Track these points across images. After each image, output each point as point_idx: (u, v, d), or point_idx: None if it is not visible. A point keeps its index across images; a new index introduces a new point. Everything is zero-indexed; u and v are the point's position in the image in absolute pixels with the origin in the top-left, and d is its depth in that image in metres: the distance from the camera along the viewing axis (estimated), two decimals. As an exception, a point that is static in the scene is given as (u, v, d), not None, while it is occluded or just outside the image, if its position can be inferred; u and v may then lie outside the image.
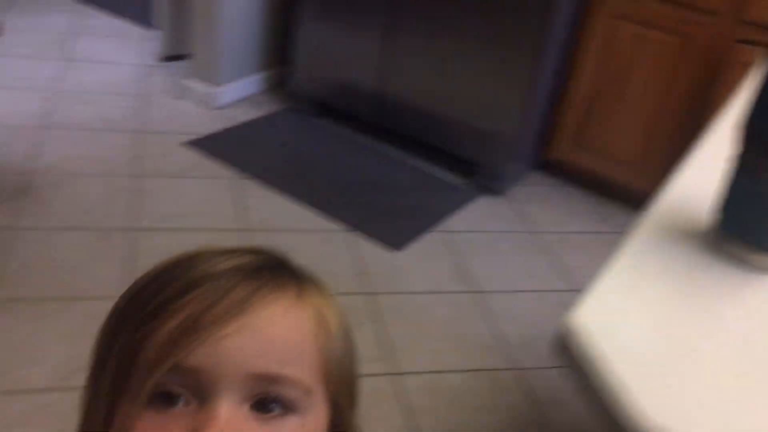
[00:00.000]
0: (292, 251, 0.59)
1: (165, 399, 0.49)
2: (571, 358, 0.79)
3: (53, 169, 2.37)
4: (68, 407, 0.64)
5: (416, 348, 1.92)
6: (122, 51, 3.32)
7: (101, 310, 0.56)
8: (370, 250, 2.25)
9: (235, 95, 3.02)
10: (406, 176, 2.68)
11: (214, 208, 2.34)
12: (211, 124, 2.82)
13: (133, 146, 2.60)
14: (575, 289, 2.16)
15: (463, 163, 2.73)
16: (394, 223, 2.41)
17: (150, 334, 0.50)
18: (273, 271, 0.54)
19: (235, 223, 2.28)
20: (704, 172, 1.10)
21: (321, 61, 2.88)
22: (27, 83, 2.88)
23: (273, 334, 0.51)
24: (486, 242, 2.41)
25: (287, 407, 0.51)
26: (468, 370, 1.87)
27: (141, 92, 2.98)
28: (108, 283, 1.88)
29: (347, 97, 2.87)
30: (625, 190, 2.63)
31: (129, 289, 0.54)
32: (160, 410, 0.49)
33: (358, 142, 2.86)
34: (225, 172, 2.53)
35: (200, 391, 0.49)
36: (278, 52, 3.14)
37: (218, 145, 2.68)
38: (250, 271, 0.53)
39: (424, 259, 2.27)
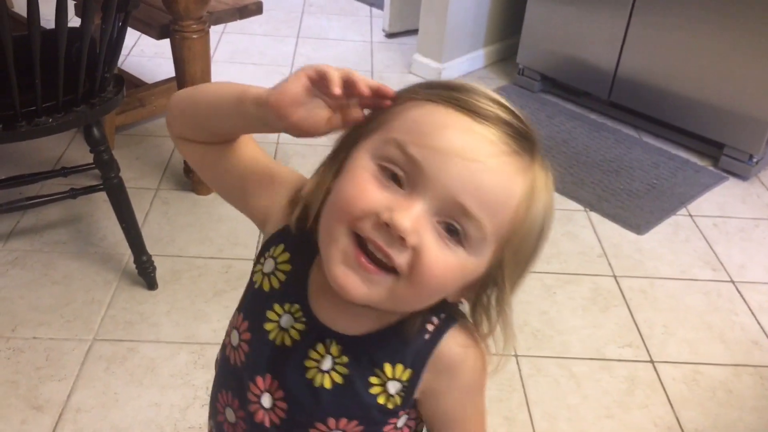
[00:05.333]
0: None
1: (387, 172, 0.58)
2: None
3: (290, 140, 2.48)
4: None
5: (669, 336, 1.82)
6: (349, 28, 3.43)
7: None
8: (611, 232, 2.16)
9: (461, 70, 3.02)
10: (643, 155, 2.54)
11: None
12: (438, 99, 2.83)
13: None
14: None
15: (706, 144, 2.54)
16: (634, 204, 2.29)
17: (406, 114, 0.60)
18: (524, 136, 0.59)
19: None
20: None
21: (552, 34, 2.79)
22: (268, 59, 3.06)
23: (491, 181, 0.56)
24: (736, 229, 2.23)
25: (465, 240, 0.57)
26: (730, 365, 1.75)
27: (368, 67, 3.07)
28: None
29: (580, 73, 2.77)
30: None
31: (423, 84, 0.64)
32: (379, 175, 0.58)
33: (589, 118, 2.76)
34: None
35: (412, 182, 0.56)
36: (505, 25, 3.09)
37: (447, 120, 2.69)
38: (509, 124, 0.58)
39: (670, 243, 2.14)
